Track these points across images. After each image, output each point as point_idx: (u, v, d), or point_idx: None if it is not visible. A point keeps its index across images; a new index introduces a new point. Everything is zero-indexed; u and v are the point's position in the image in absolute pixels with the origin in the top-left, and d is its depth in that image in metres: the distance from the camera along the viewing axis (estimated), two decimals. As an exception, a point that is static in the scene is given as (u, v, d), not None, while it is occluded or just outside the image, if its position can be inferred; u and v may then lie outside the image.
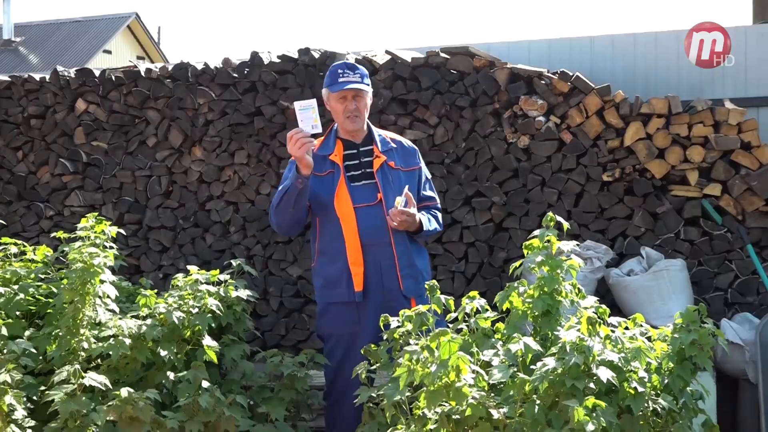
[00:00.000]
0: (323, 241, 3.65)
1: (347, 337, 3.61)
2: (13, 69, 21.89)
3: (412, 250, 3.64)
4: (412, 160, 3.76)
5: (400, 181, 3.64)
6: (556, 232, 3.01)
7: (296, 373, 3.75)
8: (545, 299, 2.91)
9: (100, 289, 3.52)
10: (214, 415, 3.26)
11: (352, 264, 3.55)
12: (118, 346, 3.40)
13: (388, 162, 3.65)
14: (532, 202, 4.90)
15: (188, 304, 3.63)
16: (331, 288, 3.64)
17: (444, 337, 2.62)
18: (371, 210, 3.58)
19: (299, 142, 3.39)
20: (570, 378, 2.55)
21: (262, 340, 5.14)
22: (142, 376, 3.54)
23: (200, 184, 5.48)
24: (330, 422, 3.75)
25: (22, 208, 5.80)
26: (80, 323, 3.49)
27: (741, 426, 4.34)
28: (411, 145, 3.85)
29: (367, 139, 3.71)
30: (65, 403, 3.15)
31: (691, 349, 2.78)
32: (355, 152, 3.67)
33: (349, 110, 3.60)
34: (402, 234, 3.59)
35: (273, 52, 5.44)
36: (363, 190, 3.61)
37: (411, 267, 3.61)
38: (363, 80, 3.63)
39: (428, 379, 2.60)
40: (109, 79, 5.65)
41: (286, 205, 3.55)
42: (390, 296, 3.57)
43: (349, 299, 3.58)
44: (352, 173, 3.63)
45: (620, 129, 4.80)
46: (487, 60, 5.00)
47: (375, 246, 3.57)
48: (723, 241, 4.70)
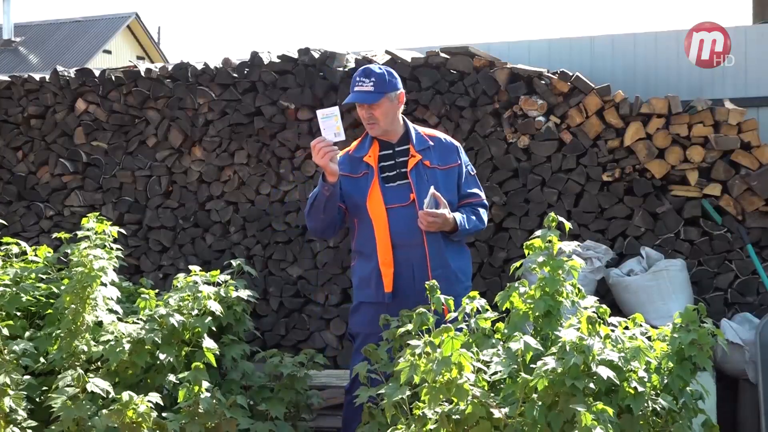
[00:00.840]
0: (359, 242, 3.62)
1: (376, 337, 3.57)
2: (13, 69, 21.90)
3: (446, 251, 3.55)
4: (451, 157, 3.66)
5: (436, 180, 3.56)
6: (558, 233, 3.01)
7: (296, 373, 3.75)
8: (546, 300, 2.90)
9: (100, 293, 3.52)
10: (215, 416, 3.26)
11: (383, 264, 3.51)
12: (118, 351, 3.40)
13: (423, 161, 3.57)
14: (532, 202, 4.90)
15: (188, 306, 3.62)
16: (362, 287, 3.61)
17: (447, 333, 2.62)
18: (404, 210, 3.51)
19: (322, 151, 3.36)
20: (570, 377, 2.55)
21: (262, 340, 5.14)
22: (142, 378, 3.54)
23: (200, 184, 5.48)
24: (347, 419, 3.73)
25: (22, 208, 5.80)
26: (80, 326, 3.48)
27: (741, 426, 4.34)
28: (451, 141, 3.73)
29: (404, 138, 3.63)
30: (67, 410, 3.15)
31: (691, 349, 2.78)
32: (391, 152, 3.61)
33: (364, 118, 3.57)
34: (436, 234, 3.51)
35: (273, 52, 5.44)
36: (397, 190, 3.55)
37: (444, 268, 3.53)
38: (376, 87, 3.53)
39: (430, 376, 2.60)
40: (109, 79, 5.65)
41: (316, 211, 3.53)
42: (422, 297, 3.50)
43: (378, 299, 3.54)
44: (386, 174, 3.57)
45: (620, 129, 4.81)
46: (487, 60, 5.00)
47: (407, 246, 3.51)
48: (723, 241, 4.70)
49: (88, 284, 3.48)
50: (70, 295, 3.51)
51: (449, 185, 3.60)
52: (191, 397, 3.26)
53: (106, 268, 3.57)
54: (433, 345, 2.64)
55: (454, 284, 3.56)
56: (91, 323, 3.50)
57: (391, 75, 3.56)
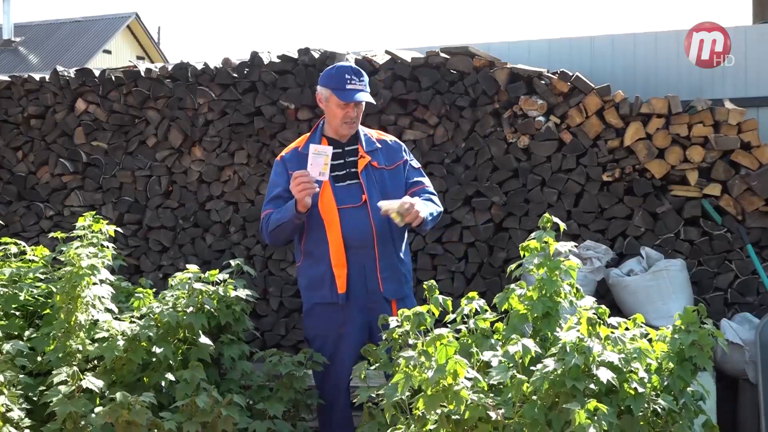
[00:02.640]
0: (309, 242, 3.62)
1: (333, 338, 3.61)
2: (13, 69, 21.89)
3: (395, 253, 3.61)
4: (397, 156, 3.71)
5: (384, 181, 3.61)
6: (554, 234, 3.01)
7: (295, 372, 3.74)
8: (544, 301, 2.90)
9: (90, 291, 3.51)
10: (212, 415, 3.26)
11: (335, 266, 3.53)
12: (113, 349, 3.39)
13: (372, 162, 3.62)
14: (532, 202, 4.90)
15: (182, 303, 3.62)
16: (314, 289, 3.63)
17: (440, 341, 2.61)
18: (355, 212, 3.54)
19: (302, 185, 3.36)
20: (570, 378, 2.55)
21: (262, 340, 5.13)
22: (140, 376, 3.53)
23: (200, 184, 5.48)
24: (321, 425, 3.75)
25: (22, 208, 5.80)
26: (74, 325, 3.47)
27: (741, 426, 4.34)
28: (396, 141, 3.79)
29: (353, 138, 3.67)
30: (63, 405, 3.14)
31: (692, 350, 2.77)
32: (341, 152, 3.62)
33: (349, 117, 3.57)
34: (386, 236, 3.56)
35: (273, 52, 5.44)
36: (347, 190, 3.57)
37: (392, 269, 3.58)
38: (366, 88, 3.59)
39: (426, 384, 2.59)
40: (109, 79, 5.65)
41: (281, 233, 3.55)
42: (372, 298, 3.56)
43: (332, 300, 3.56)
44: (336, 173, 3.59)
45: (620, 129, 4.80)
46: (487, 60, 5.00)
47: (358, 248, 3.53)
48: (723, 241, 4.70)
49: (78, 283, 3.47)
50: (62, 295, 3.51)
51: (397, 184, 3.64)
52: (188, 396, 3.25)
53: (97, 266, 3.55)
54: (428, 354, 2.63)
55: (404, 284, 3.65)
56: (84, 322, 3.49)
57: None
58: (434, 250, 5.01)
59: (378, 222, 3.53)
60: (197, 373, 3.31)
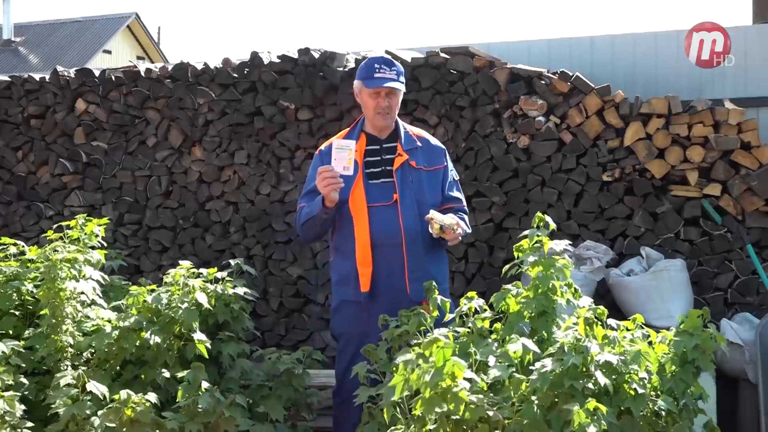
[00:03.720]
0: (339, 238, 3.60)
1: (358, 336, 3.57)
2: (13, 69, 21.91)
3: (424, 255, 3.55)
4: (438, 160, 3.65)
5: (421, 182, 3.56)
6: (547, 232, 3.00)
7: (294, 369, 3.73)
8: (540, 300, 2.90)
9: (71, 284, 3.51)
10: (214, 415, 3.26)
11: (360, 264, 3.49)
12: (102, 337, 3.39)
13: (410, 161, 3.56)
14: (532, 202, 4.90)
15: (176, 299, 3.61)
16: (342, 285, 3.60)
17: (437, 344, 2.60)
18: (385, 210, 3.50)
19: (327, 181, 3.34)
20: (569, 379, 2.55)
21: (262, 340, 5.14)
22: (137, 374, 3.53)
23: (200, 184, 5.48)
24: (337, 422, 3.73)
25: (22, 208, 5.80)
26: (61, 320, 3.48)
27: (741, 426, 4.34)
28: (438, 143, 3.73)
29: (393, 135, 3.62)
30: (67, 408, 3.15)
31: (694, 353, 2.77)
32: (378, 148, 3.59)
33: (381, 107, 3.53)
34: (416, 237, 3.51)
35: (273, 52, 5.44)
36: (380, 188, 3.53)
37: (421, 271, 3.52)
38: (398, 78, 3.55)
39: (424, 387, 2.58)
40: (109, 79, 5.65)
41: (310, 227, 3.53)
42: (398, 299, 3.50)
43: (356, 298, 3.54)
44: (371, 170, 3.55)
45: (620, 129, 4.80)
46: (487, 60, 5.00)
47: (386, 247, 3.49)
48: (723, 241, 4.70)
49: (55, 275, 3.48)
50: (44, 290, 3.51)
51: (433, 186, 3.60)
52: (190, 396, 3.26)
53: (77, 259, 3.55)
54: (425, 357, 2.62)
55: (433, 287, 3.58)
56: (71, 315, 3.50)
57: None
58: (434, 250, 5.00)
59: (408, 223, 3.49)
60: (199, 373, 3.31)
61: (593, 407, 2.45)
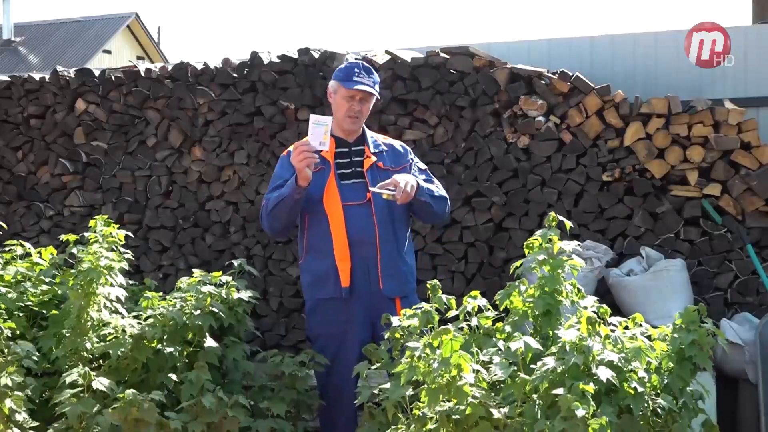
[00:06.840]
0: (312, 237, 3.65)
1: (337, 336, 3.62)
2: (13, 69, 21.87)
3: (396, 252, 3.64)
4: (403, 159, 3.77)
5: None
6: (559, 232, 3.01)
7: (297, 372, 3.74)
8: (546, 299, 2.90)
9: (105, 290, 3.54)
10: (217, 415, 3.27)
11: (339, 260, 3.57)
12: (118, 345, 3.41)
13: (377, 163, 3.68)
14: (532, 202, 4.90)
15: (190, 306, 3.64)
16: (319, 284, 3.65)
17: (446, 335, 2.62)
18: (360, 209, 3.59)
19: (303, 155, 3.41)
20: (570, 378, 2.55)
21: (262, 340, 5.13)
22: (144, 377, 3.54)
23: (200, 184, 5.48)
24: (324, 425, 3.75)
25: (22, 208, 5.80)
26: (85, 324, 3.50)
27: (741, 426, 4.34)
28: (403, 145, 3.87)
29: (360, 139, 3.73)
30: (73, 406, 3.16)
31: (691, 349, 2.78)
32: (347, 151, 3.69)
33: (353, 110, 3.63)
34: (389, 234, 3.60)
35: (273, 52, 5.44)
36: (352, 188, 3.62)
37: (394, 268, 3.62)
38: (374, 86, 3.66)
39: (429, 377, 2.60)
40: (109, 79, 5.65)
41: (280, 212, 3.56)
42: (375, 296, 3.60)
43: (336, 295, 3.59)
44: (342, 171, 3.64)
45: (620, 129, 4.80)
46: (487, 60, 5.00)
47: (361, 244, 3.57)
48: (723, 241, 4.70)
49: (94, 280, 3.51)
50: (76, 292, 3.54)
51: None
52: (194, 396, 3.26)
53: (114, 268, 3.60)
54: (432, 347, 2.64)
55: (405, 284, 3.67)
56: (96, 320, 3.52)
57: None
58: (434, 250, 5.01)
59: (381, 220, 3.59)
60: (203, 374, 3.32)
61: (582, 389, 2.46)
